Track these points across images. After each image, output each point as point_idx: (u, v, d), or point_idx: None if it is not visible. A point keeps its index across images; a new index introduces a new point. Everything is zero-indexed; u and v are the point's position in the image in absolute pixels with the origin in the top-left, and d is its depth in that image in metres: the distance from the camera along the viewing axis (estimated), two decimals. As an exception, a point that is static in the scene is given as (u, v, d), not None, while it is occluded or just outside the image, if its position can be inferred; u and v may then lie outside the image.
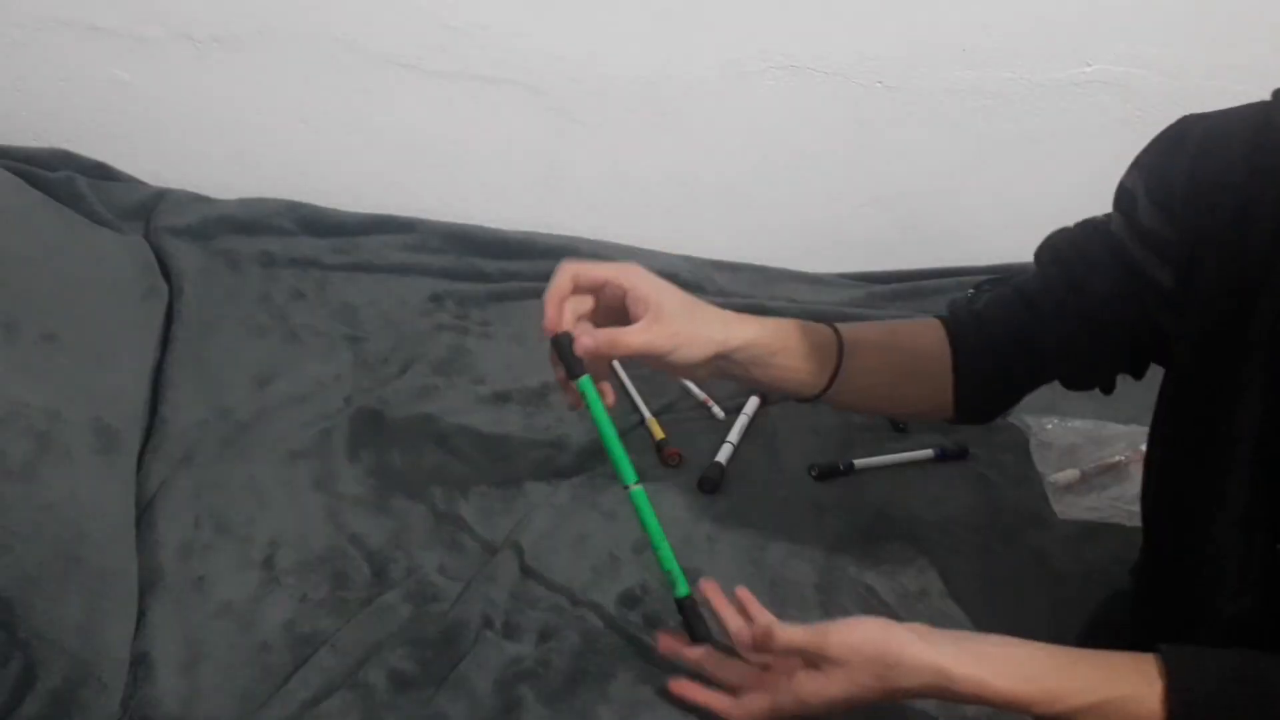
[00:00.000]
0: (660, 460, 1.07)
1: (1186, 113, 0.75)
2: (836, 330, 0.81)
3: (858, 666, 0.66)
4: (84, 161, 1.38)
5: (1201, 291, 0.67)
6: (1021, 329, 0.79)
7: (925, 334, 0.83)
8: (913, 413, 0.96)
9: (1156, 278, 0.70)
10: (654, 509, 0.78)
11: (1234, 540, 0.67)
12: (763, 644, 0.71)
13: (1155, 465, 0.76)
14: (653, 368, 0.80)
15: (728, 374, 0.80)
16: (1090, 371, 0.80)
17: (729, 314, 0.79)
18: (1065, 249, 0.78)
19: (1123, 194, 0.74)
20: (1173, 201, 0.69)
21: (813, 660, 0.68)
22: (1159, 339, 0.72)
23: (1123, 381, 0.81)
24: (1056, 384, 0.84)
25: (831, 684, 0.67)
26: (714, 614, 0.79)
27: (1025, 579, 0.96)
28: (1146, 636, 0.67)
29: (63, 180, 1.31)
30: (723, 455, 1.08)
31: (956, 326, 0.83)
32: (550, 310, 0.75)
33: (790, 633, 0.70)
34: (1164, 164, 0.71)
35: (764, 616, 0.74)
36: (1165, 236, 0.69)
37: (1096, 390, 0.81)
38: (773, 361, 0.79)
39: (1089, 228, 0.77)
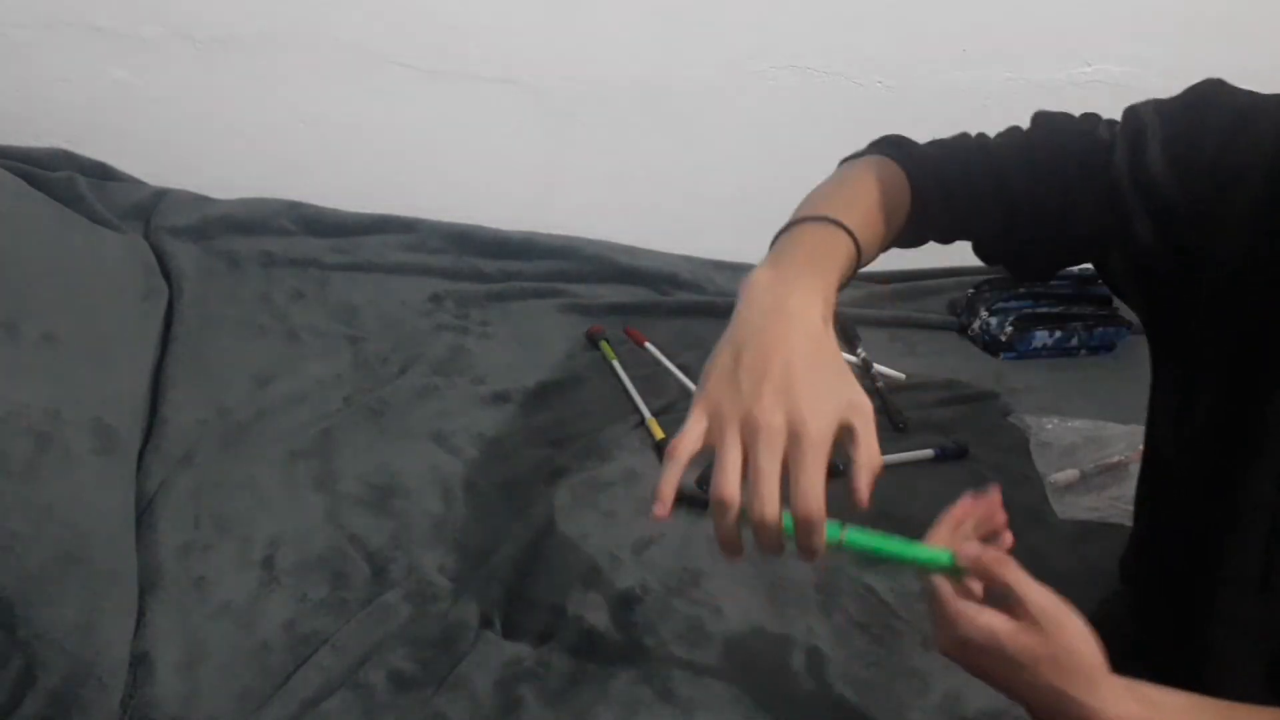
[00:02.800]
0: (660, 460, 1.07)
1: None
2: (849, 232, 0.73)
3: (1050, 637, 0.60)
4: (84, 161, 1.38)
5: (1208, 264, 0.66)
6: (983, 209, 0.77)
7: (898, 186, 0.78)
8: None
9: (1136, 229, 0.69)
10: None
11: (1245, 540, 0.67)
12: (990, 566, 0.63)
13: (1153, 462, 0.76)
14: None
15: None
16: (1035, 249, 0.78)
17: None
18: (1056, 147, 0.75)
19: (1136, 128, 0.71)
20: (1197, 166, 0.67)
21: (1013, 607, 0.61)
22: (1101, 271, 0.74)
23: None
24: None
25: (1018, 636, 0.60)
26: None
27: (1025, 579, 0.96)
28: (1146, 636, 0.67)
29: (63, 180, 1.31)
30: (723, 455, 1.08)
31: (919, 194, 0.78)
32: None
33: (1020, 573, 0.63)
34: (1193, 127, 0.69)
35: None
36: (1169, 195, 0.68)
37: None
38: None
39: (1091, 139, 0.73)
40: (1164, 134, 0.69)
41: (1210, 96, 0.71)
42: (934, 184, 0.77)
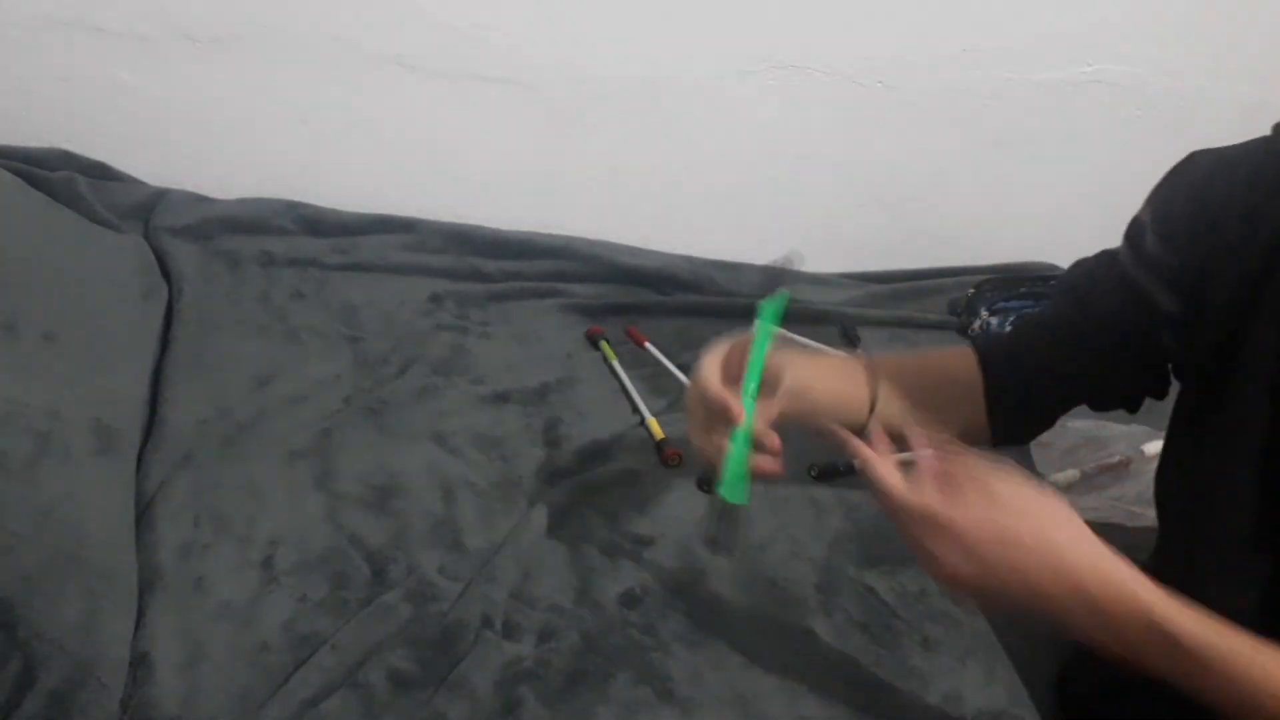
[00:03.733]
0: (660, 460, 1.07)
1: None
2: (866, 359, 0.84)
3: (1025, 513, 0.61)
4: (84, 161, 1.38)
5: (1211, 308, 0.69)
6: (1042, 354, 0.82)
7: (956, 359, 0.86)
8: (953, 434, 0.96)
9: (1159, 302, 0.72)
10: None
11: (1244, 543, 0.67)
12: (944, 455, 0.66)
13: (1169, 470, 0.77)
14: None
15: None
16: (1110, 393, 0.82)
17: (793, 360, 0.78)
18: (1079, 277, 0.81)
19: (1133, 226, 0.77)
20: (1176, 228, 0.71)
21: (987, 490, 0.63)
22: (1167, 360, 0.76)
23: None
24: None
25: (997, 514, 0.61)
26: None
27: (1025, 579, 0.96)
28: None
29: (63, 180, 1.31)
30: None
31: (985, 354, 0.85)
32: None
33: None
34: (1168, 194, 0.74)
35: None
36: (1169, 263, 0.72)
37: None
38: (810, 397, 0.79)
39: (1104, 258, 0.80)
40: (1151, 214, 0.74)
41: (1187, 163, 0.75)
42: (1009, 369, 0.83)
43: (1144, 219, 0.75)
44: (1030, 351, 0.82)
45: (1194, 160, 0.74)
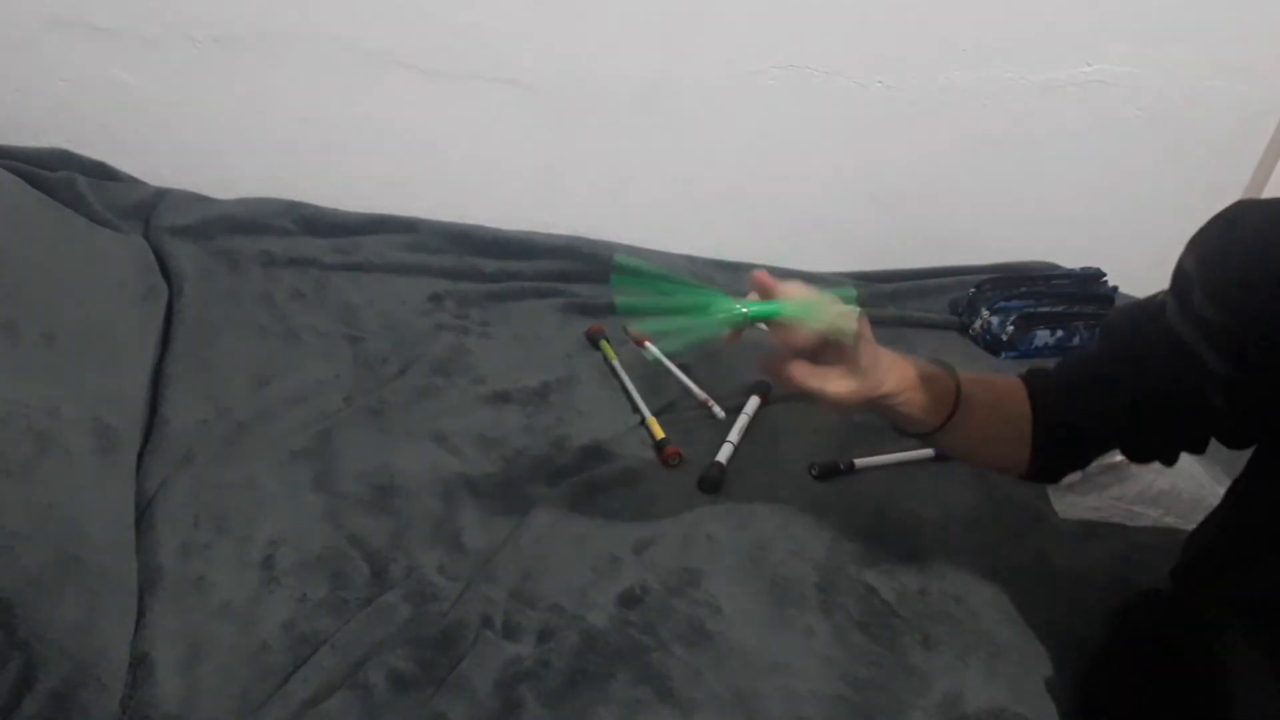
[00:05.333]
0: (661, 460, 1.07)
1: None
2: (958, 385, 0.84)
3: None
4: (84, 161, 1.38)
5: (1272, 371, 0.68)
6: (1092, 405, 0.81)
7: (1012, 392, 0.86)
8: (989, 467, 1.00)
9: (1209, 363, 0.71)
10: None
11: None
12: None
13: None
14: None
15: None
16: (1151, 445, 0.81)
17: (884, 358, 0.80)
18: (1127, 328, 0.80)
19: (1180, 277, 0.75)
20: (1228, 294, 0.70)
21: None
22: (1215, 418, 0.74)
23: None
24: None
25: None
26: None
27: (1026, 578, 0.96)
28: (1181, 636, 0.67)
29: (63, 180, 1.31)
30: (723, 455, 1.08)
31: (1037, 395, 0.85)
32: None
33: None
34: (1218, 253, 0.72)
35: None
36: (1220, 324, 0.70)
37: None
38: (892, 404, 0.81)
39: (1150, 309, 0.78)
40: (1201, 274, 0.72)
41: (1234, 217, 0.72)
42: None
43: (1190, 271, 0.73)
44: (1081, 400, 0.82)
45: (1242, 214, 0.72)
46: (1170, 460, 0.81)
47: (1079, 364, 0.84)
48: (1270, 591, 0.72)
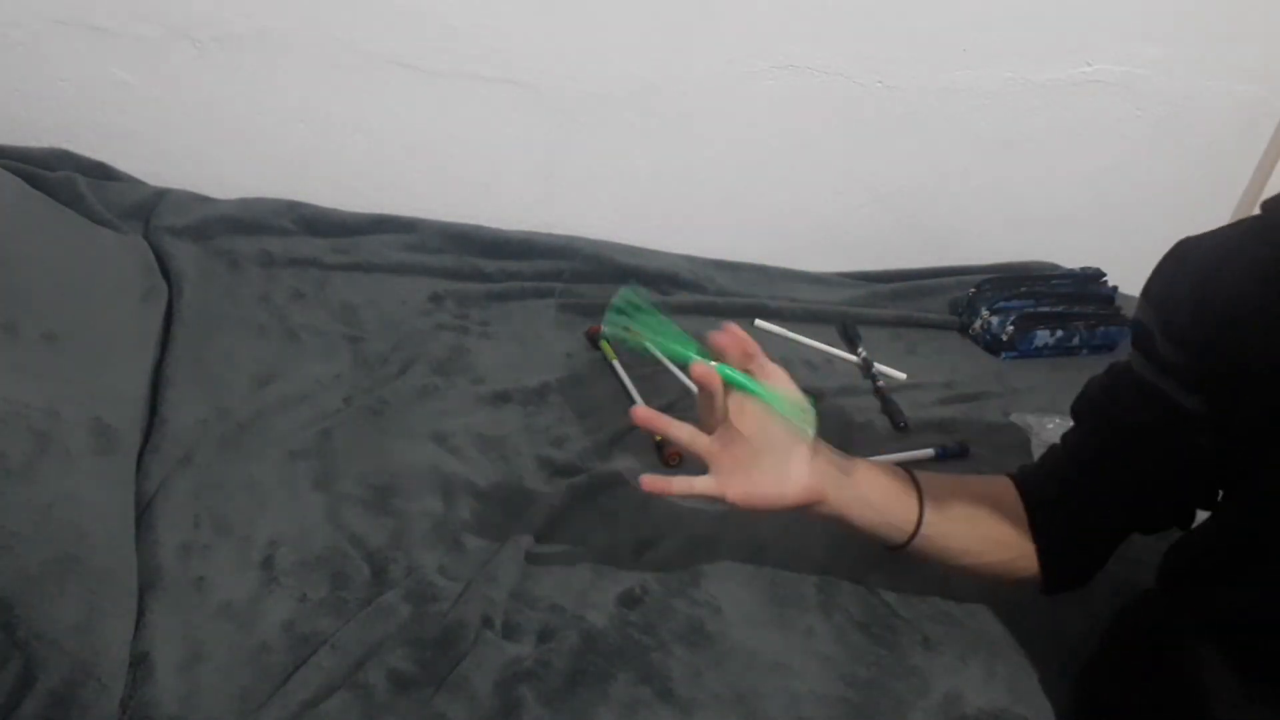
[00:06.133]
0: (660, 460, 1.07)
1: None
2: (914, 476, 0.83)
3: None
4: (84, 161, 1.38)
5: (1245, 403, 0.67)
6: (1084, 490, 0.80)
7: (1000, 490, 0.84)
8: (996, 575, 0.88)
9: (1185, 405, 0.70)
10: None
11: None
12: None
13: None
14: None
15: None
16: (1160, 511, 0.79)
17: (820, 466, 0.78)
18: (1098, 396, 0.79)
19: (1138, 331, 0.75)
20: (1182, 332, 0.70)
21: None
22: (1209, 462, 0.72)
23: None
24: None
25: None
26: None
27: (1025, 579, 0.96)
28: (1174, 638, 0.67)
29: (63, 180, 1.31)
30: (723, 455, 1.07)
31: (1030, 495, 0.83)
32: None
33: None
34: (1169, 293, 0.72)
35: None
36: (1184, 364, 0.70)
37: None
38: (825, 515, 0.80)
39: (1115, 372, 0.78)
40: (1157, 319, 0.72)
41: (1177, 258, 0.73)
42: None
43: (1147, 323, 0.73)
44: (1073, 490, 0.80)
45: (1184, 254, 0.72)
46: (1186, 522, 0.79)
47: (1064, 458, 0.82)
48: (1245, 610, 0.72)
